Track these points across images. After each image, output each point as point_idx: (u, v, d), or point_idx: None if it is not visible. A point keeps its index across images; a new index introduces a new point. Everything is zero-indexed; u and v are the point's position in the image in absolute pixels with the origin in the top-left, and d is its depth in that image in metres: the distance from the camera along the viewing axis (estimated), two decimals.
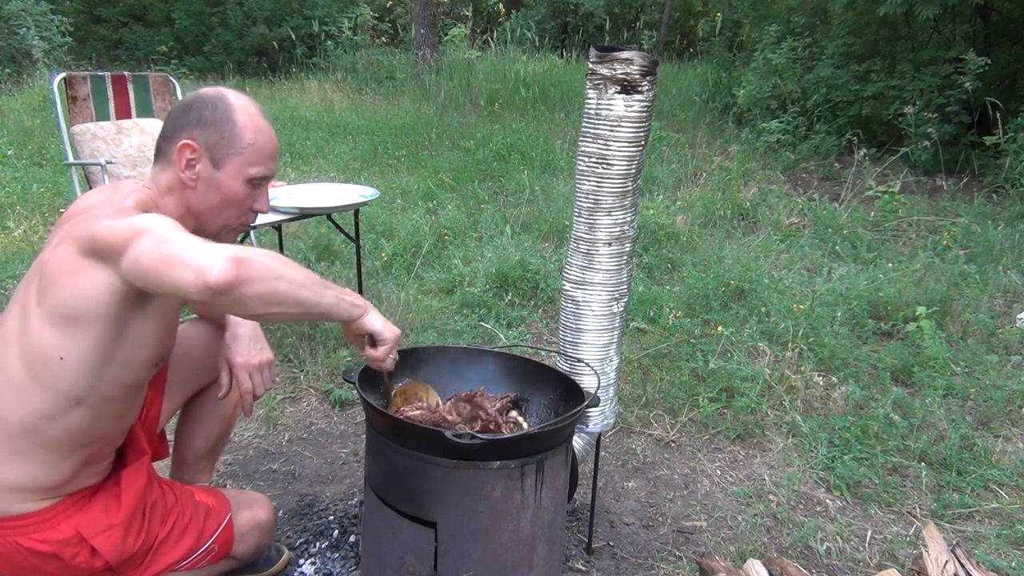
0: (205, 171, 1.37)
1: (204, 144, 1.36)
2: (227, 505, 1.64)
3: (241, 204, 1.42)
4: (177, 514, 1.55)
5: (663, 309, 3.48)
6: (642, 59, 1.66)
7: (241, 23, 12.98)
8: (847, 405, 2.77)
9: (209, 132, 1.36)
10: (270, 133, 1.42)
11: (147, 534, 1.49)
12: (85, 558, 1.41)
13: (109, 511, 1.45)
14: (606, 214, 1.78)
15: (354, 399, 2.80)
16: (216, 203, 1.39)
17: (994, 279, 3.97)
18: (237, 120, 1.37)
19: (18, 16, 10.39)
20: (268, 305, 1.17)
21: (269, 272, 1.15)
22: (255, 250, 1.18)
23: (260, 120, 1.41)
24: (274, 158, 1.43)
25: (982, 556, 2.03)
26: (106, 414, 1.38)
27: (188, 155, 1.36)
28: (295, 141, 7.09)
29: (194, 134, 1.36)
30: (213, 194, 1.38)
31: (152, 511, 1.52)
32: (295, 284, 1.19)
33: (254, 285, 1.13)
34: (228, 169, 1.37)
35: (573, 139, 6.86)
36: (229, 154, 1.37)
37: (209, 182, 1.37)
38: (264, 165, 1.41)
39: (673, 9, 11.58)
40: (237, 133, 1.36)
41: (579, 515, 2.17)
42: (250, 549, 1.68)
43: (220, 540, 1.60)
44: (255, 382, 1.63)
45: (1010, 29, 7.41)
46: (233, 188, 1.39)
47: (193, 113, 1.37)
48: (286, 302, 1.18)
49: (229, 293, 1.11)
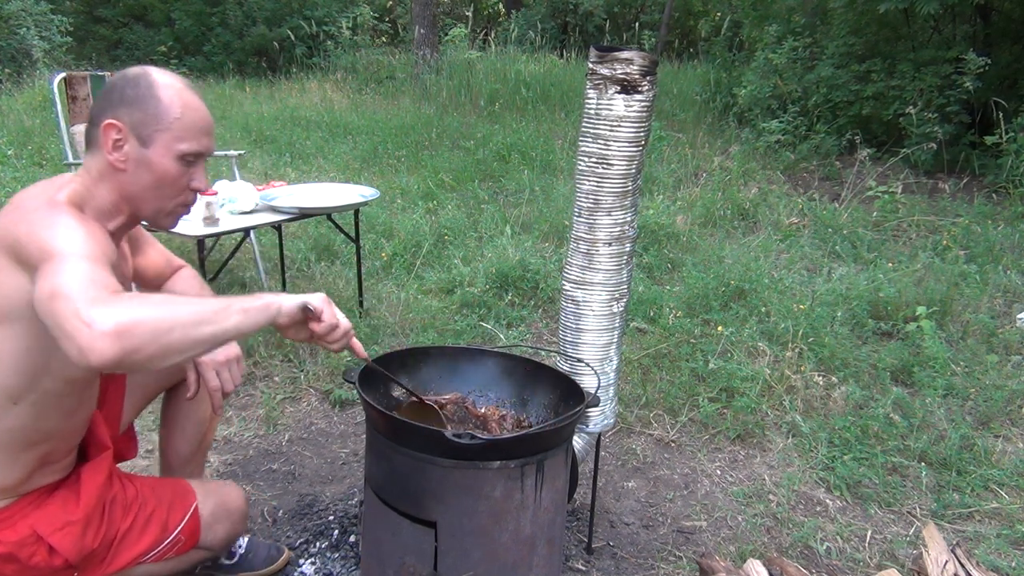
0: (133, 151, 1.31)
1: (129, 123, 1.30)
2: (192, 495, 1.61)
3: (175, 183, 1.35)
4: (139, 507, 1.52)
5: (663, 309, 3.48)
6: (642, 59, 1.66)
7: (241, 23, 12.98)
8: (847, 405, 2.77)
9: (133, 110, 1.30)
10: (199, 107, 1.36)
11: (108, 529, 1.46)
12: (43, 557, 1.38)
13: (67, 508, 1.42)
14: (606, 214, 1.78)
15: (354, 399, 2.80)
16: (149, 183, 1.33)
17: (994, 279, 3.97)
18: (161, 96, 1.31)
19: (18, 16, 10.39)
20: (166, 359, 1.10)
21: (157, 330, 1.07)
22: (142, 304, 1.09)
23: (188, 94, 1.35)
24: (206, 133, 1.36)
25: (982, 556, 2.03)
26: (53, 411, 1.34)
27: (114, 135, 1.30)
28: (295, 141, 7.09)
29: (118, 113, 1.30)
30: (145, 174, 1.32)
31: (112, 505, 1.49)
32: (190, 326, 1.11)
33: (143, 351, 1.05)
34: (157, 147, 1.31)
35: (573, 139, 6.86)
36: (156, 131, 1.31)
37: (139, 162, 1.32)
38: (195, 140, 1.34)
39: (673, 9, 11.57)
40: (163, 108, 1.31)
41: (579, 515, 2.17)
42: (221, 538, 1.64)
43: (186, 530, 1.57)
44: (223, 379, 1.57)
45: (1010, 29, 7.41)
46: (164, 166, 1.32)
47: (116, 93, 1.32)
48: (186, 349, 1.12)
49: (117, 367, 1.05)
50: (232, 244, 3.72)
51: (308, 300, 1.29)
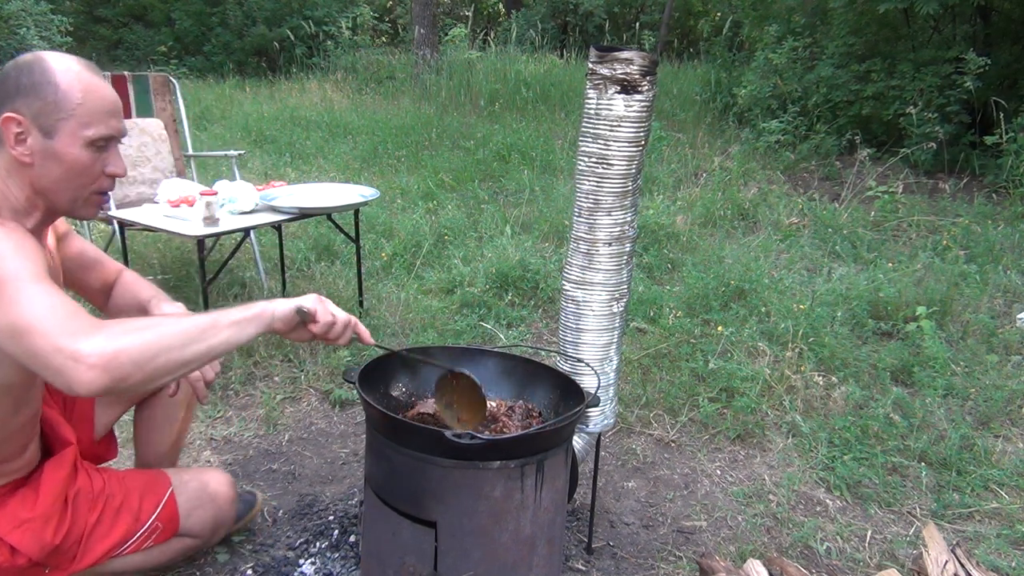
0: (37, 143, 1.24)
1: (29, 114, 1.23)
2: (166, 482, 1.59)
3: (88, 171, 1.29)
4: (106, 499, 1.50)
5: (663, 309, 3.48)
6: (642, 59, 1.66)
7: (241, 23, 12.99)
8: (847, 405, 2.77)
9: (31, 100, 1.22)
10: (102, 89, 1.28)
11: (73, 524, 1.44)
12: (5, 556, 1.37)
13: (26, 505, 1.40)
14: (606, 214, 1.78)
15: (354, 399, 2.80)
16: (60, 175, 1.27)
17: (994, 279, 3.97)
18: (59, 82, 1.23)
19: (18, 16, 10.38)
20: (155, 381, 1.12)
21: (142, 356, 1.07)
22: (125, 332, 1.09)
23: (88, 77, 1.27)
24: (113, 115, 1.29)
25: (982, 556, 2.03)
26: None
27: (15, 129, 1.23)
28: (295, 141, 7.09)
29: (16, 105, 1.23)
30: (54, 166, 1.26)
31: (77, 499, 1.47)
32: (175, 349, 1.12)
33: (131, 378, 1.06)
34: (62, 136, 1.24)
35: (573, 139, 6.86)
36: (59, 120, 1.23)
37: (45, 154, 1.25)
38: (103, 124, 1.27)
39: (673, 9, 11.58)
40: (62, 95, 1.23)
41: (579, 515, 2.17)
42: (205, 524, 1.61)
43: (163, 517, 1.54)
44: (203, 369, 1.52)
45: (1010, 29, 7.41)
46: (73, 155, 1.26)
47: (10, 83, 1.24)
48: (174, 370, 1.13)
49: (109, 394, 1.07)
50: (232, 244, 3.72)
51: (300, 303, 1.28)
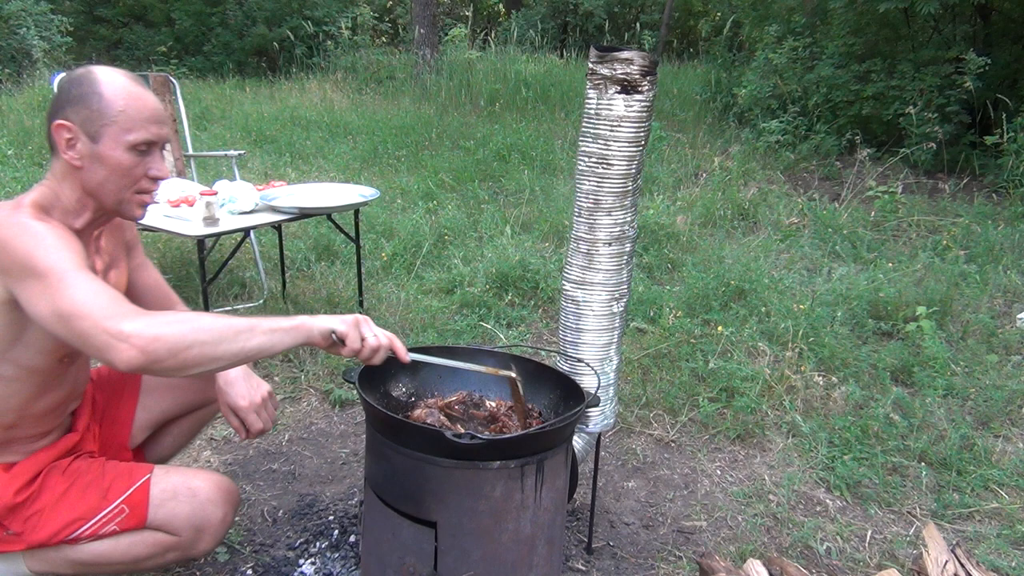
0: (85, 148, 1.38)
1: (78, 121, 1.37)
2: (146, 470, 1.59)
3: (130, 173, 1.41)
4: (79, 475, 1.54)
5: (663, 309, 3.48)
6: (642, 59, 1.66)
7: (241, 23, 12.97)
8: (847, 405, 2.77)
9: (79, 108, 1.37)
10: (144, 97, 1.42)
11: (41, 490, 1.50)
12: None
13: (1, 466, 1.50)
14: (606, 214, 1.78)
15: (354, 399, 2.80)
16: (105, 176, 1.40)
17: (994, 279, 3.98)
18: (104, 92, 1.38)
19: (18, 16, 10.38)
20: (186, 371, 1.25)
21: (176, 346, 1.22)
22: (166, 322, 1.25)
23: (131, 86, 1.41)
24: (154, 121, 1.42)
25: (982, 556, 2.03)
26: (12, 394, 1.43)
27: (65, 135, 1.38)
28: (295, 141, 7.09)
29: (66, 114, 1.38)
30: (99, 168, 1.40)
31: (51, 472, 1.53)
32: (209, 344, 1.24)
33: (164, 363, 1.21)
34: (106, 141, 1.38)
35: (573, 139, 6.86)
36: (103, 125, 1.37)
37: (92, 158, 1.39)
38: (143, 129, 1.40)
39: (673, 9, 11.57)
40: (106, 103, 1.37)
41: (579, 515, 2.17)
42: (179, 519, 1.56)
43: (130, 501, 1.53)
44: (263, 418, 1.68)
45: (1010, 29, 7.41)
46: (116, 158, 1.39)
47: (63, 95, 1.39)
48: (205, 363, 1.25)
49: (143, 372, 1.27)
50: (232, 244, 3.72)
51: (335, 327, 1.37)
